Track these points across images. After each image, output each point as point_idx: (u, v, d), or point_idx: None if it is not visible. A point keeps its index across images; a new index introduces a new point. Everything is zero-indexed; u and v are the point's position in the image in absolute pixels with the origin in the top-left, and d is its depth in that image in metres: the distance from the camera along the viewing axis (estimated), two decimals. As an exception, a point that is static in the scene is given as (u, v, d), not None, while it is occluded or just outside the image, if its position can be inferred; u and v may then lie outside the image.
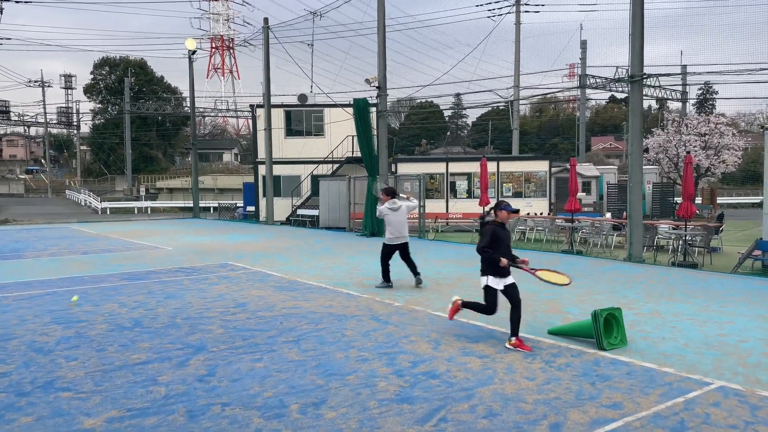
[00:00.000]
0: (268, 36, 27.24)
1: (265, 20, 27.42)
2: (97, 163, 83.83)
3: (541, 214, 24.63)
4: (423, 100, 75.14)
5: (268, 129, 27.52)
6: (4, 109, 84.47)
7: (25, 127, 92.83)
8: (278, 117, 29.63)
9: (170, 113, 79.08)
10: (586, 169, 31.58)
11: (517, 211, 7.25)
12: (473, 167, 25.90)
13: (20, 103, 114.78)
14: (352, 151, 28.05)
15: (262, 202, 29.11)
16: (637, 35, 13.64)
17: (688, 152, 18.15)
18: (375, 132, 20.98)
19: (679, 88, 41.08)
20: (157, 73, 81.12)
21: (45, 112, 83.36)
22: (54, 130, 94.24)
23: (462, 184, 25.41)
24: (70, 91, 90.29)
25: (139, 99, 75.26)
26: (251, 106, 31.29)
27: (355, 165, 27.16)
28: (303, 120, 29.87)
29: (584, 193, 29.60)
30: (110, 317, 8.23)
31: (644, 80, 13.76)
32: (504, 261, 6.70)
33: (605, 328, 6.84)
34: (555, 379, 5.65)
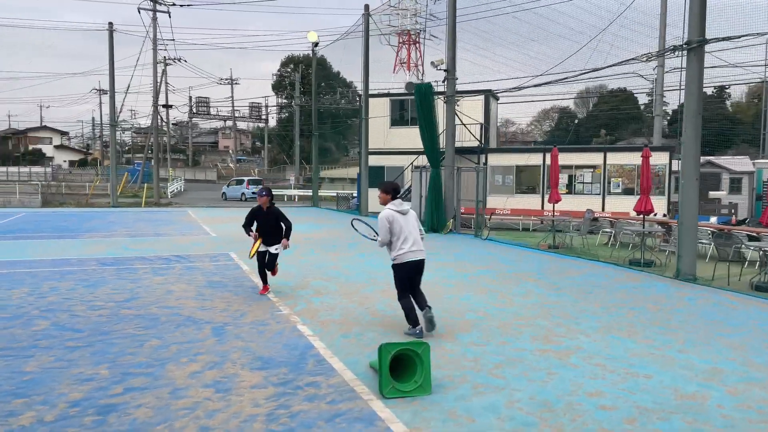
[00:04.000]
0: (368, 23, 26.62)
1: (366, 7, 26.83)
2: (281, 154, 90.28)
3: (655, 215, 21.04)
4: (614, 88, 68.95)
5: (365, 118, 26.97)
6: (205, 105, 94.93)
7: (234, 122, 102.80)
8: (384, 106, 28.97)
9: (342, 107, 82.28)
10: (736, 163, 26.53)
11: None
12: (581, 159, 22.98)
13: (223, 99, 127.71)
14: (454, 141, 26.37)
15: (365, 193, 28.71)
16: (696, -11, 10.63)
17: (646, 145, 14.12)
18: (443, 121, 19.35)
19: None
20: (334, 69, 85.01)
21: (233, 107, 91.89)
22: (261, 124, 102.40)
23: (561, 178, 22.54)
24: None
25: (318, 94, 79.21)
26: (358, 96, 30.98)
27: (458, 156, 25.53)
28: (409, 109, 28.83)
29: (723, 192, 24.84)
30: (-11, 303, 8.24)
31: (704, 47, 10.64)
32: None
33: (406, 369, 5.16)
34: (236, 433, 4.26)
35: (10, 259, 12.36)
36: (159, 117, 45.71)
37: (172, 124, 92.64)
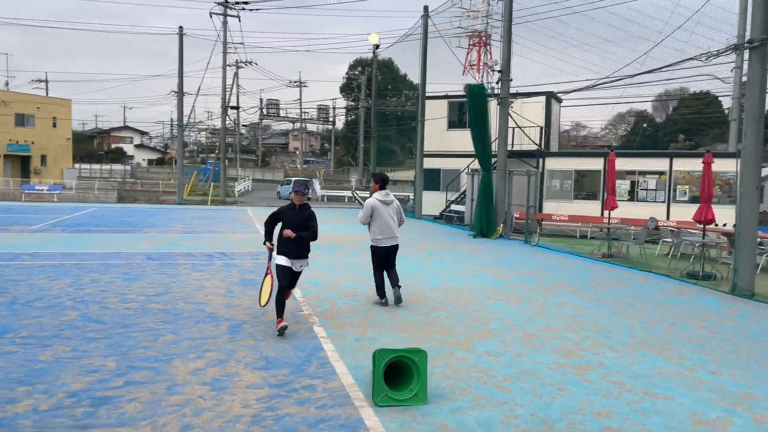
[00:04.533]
0: (427, 24, 26.43)
1: (425, 8, 26.64)
2: (347, 156, 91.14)
3: (725, 225, 19.83)
4: (697, 90, 65.64)
5: (421, 120, 26.78)
6: (275, 107, 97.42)
7: (302, 123, 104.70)
8: (443, 108, 28.66)
9: (407, 109, 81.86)
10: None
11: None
12: (645, 164, 21.96)
13: (289, 101, 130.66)
14: (512, 144, 25.76)
15: (419, 195, 28.52)
16: (761, -16, 9.90)
17: (708, 151, 12.71)
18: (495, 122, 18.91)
19: None
20: (401, 72, 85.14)
21: (301, 109, 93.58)
22: (329, 126, 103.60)
23: (623, 184, 21.62)
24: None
25: (385, 96, 79.47)
26: (417, 98, 30.79)
27: (516, 160, 24.95)
28: (466, 111, 28.37)
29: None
30: (16, 293, 8.62)
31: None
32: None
33: (405, 376, 4.99)
34: (216, 433, 4.22)
35: (65, 251, 12.96)
36: (228, 118, 47.28)
37: (245, 125, 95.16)
